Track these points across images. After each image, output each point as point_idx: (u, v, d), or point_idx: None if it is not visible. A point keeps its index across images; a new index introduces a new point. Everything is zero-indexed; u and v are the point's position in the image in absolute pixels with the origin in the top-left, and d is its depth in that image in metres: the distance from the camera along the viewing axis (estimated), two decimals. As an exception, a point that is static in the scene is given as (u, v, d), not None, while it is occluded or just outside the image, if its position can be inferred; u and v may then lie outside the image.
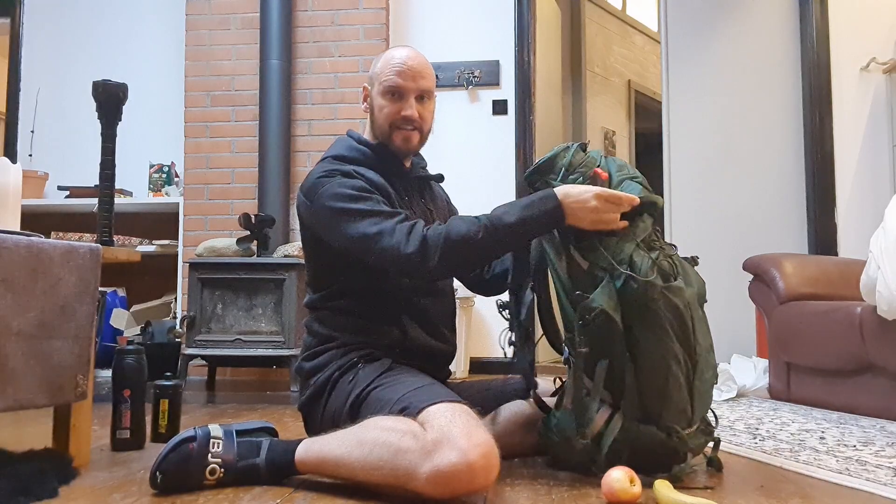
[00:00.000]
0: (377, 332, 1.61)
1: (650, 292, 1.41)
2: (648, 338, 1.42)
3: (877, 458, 1.69)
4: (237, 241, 3.22)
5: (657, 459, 1.46)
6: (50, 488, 1.38)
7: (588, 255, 1.47)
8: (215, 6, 3.89)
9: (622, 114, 5.92)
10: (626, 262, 1.44)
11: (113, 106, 1.94)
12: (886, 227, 2.25)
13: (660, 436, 1.44)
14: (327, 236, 1.58)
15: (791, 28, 3.80)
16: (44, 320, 1.45)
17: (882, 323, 2.25)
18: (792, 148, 3.77)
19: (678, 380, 1.43)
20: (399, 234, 1.45)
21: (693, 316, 1.46)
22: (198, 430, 1.42)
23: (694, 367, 1.46)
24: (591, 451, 1.45)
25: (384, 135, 1.67)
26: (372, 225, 1.48)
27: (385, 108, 1.65)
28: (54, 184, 3.93)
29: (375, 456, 1.30)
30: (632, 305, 1.42)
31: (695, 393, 1.46)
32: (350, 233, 1.50)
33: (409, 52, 1.69)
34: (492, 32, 3.86)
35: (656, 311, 1.41)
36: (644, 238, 1.49)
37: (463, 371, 3.53)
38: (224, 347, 3.15)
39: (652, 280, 1.41)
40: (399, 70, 1.64)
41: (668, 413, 1.44)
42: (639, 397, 1.44)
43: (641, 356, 1.43)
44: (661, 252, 1.49)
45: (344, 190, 1.54)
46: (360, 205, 1.52)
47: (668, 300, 1.42)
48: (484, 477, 1.25)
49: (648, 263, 1.43)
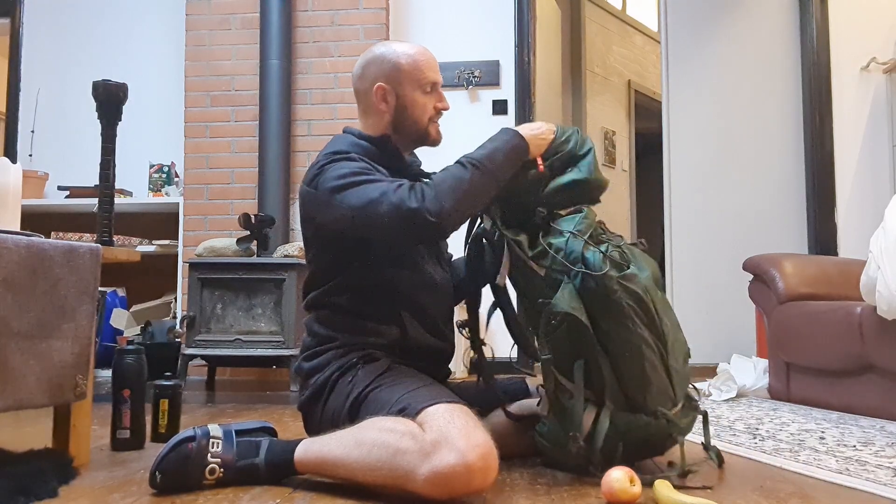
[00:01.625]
0: (376, 331, 1.61)
1: (608, 284, 1.44)
2: (616, 329, 1.45)
3: (877, 458, 1.69)
4: (237, 241, 3.22)
5: (651, 445, 1.50)
6: (50, 488, 1.38)
7: (542, 262, 1.51)
8: (215, 6, 3.89)
9: (622, 114, 5.92)
10: (578, 261, 1.47)
11: (113, 106, 1.94)
12: (886, 227, 2.25)
13: (649, 421, 1.46)
14: (331, 218, 1.55)
15: (791, 28, 3.80)
16: (44, 320, 1.45)
17: (882, 323, 2.25)
18: (792, 148, 3.77)
19: (654, 363, 1.47)
20: (402, 192, 1.46)
21: (653, 299, 1.49)
22: (197, 430, 1.42)
23: (665, 347, 1.49)
24: (586, 452, 1.45)
25: (420, 129, 1.70)
26: (375, 190, 1.48)
27: (425, 104, 1.70)
28: (54, 184, 3.93)
29: (374, 456, 1.30)
30: (594, 301, 1.45)
31: (672, 373, 1.50)
32: (354, 202, 1.49)
33: (420, 46, 1.74)
34: (492, 32, 3.86)
35: (618, 302, 1.44)
36: (591, 234, 1.53)
37: (463, 371, 3.53)
38: (224, 347, 3.15)
39: (607, 272, 1.44)
40: (430, 65, 1.71)
41: (652, 397, 1.47)
42: (620, 388, 1.47)
43: (614, 348, 1.45)
44: (610, 244, 1.52)
45: (346, 169, 1.54)
46: (362, 176, 1.52)
47: (627, 288, 1.45)
48: (482, 478, 1.25)
49: (599, 257, 1.47)
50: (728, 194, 3.84)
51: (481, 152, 1.54)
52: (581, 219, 1.56)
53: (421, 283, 1.65)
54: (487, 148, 1.55)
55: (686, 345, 1.58)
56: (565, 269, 1.47)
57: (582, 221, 1.55)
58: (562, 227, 1.55)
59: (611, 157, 5.62)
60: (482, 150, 1.54)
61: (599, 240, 1.53)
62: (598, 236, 1.54)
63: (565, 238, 1.51)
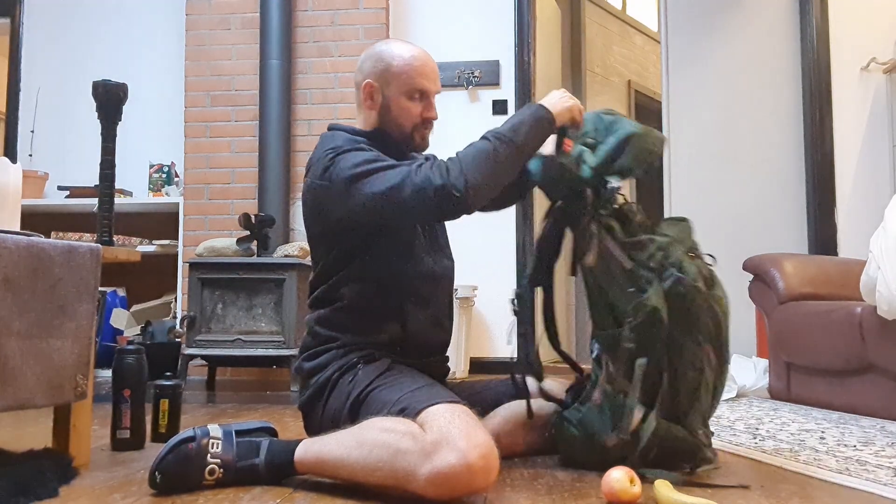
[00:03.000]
0: (378, 327, 1.60)
1: (696, 297, 1.46)
2: (688, 341, 1.48)
3: (877, 458, 1.69)
4: (237, 241, 3.22)
5: (676, 457, 1.51)
6: (50, 488, 1.38)
7: (635, 255, 1.51)
8: (215, 6, 3.89)
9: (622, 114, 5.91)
10: (676, 266, 1.48)
11: (113, 106, 1.94)
12: (886, 227, 2.25)
13: (686, 436, 1.49)
14: (350, 208, 1.53)
15: (791, 28, 3.80)
16: (44, 320, 1.45)
17: (882, 323, 2.25)
18: (792, 148, 3.77)
19: (708, 383, 1.51)
20: (424, 171, 1.45)
21: (728, 325, 1.53)
22: (197, 430, 1.42)
23: (721, 371, 1.54)
24: (627, 446, 1.46)
25: (402, 134, 1.67)
26: (396, 175, 1.47)
27: (409, 110, 1.65)
28: (54, 184, 3.93)
29: (375, 457, 1.30)
30: (677, 308, 1.46)
31: (716, 398, 1.56)
32: (376, 188, 1.48)
33: (421, 51, 1.70)
34: (492, 32, 3.86)
35: (698, 316, 1.47)
36: (691, 246, 1.56)
37: (463, 371, 3.53)
38: (224, 347, 3.15)
39: (698, 285, 1.47)
40: (423, 72, 1.66)
41: (694, 413, 1.50)
42: (671, 397, 1.48)
43: (680, 358, 1.47)
44: (702, 262, 1.55)
45: (361, 158, 1.53)
46: (378, 163, 1.51)
47: (710, 306, 1.49)
48: (483, 478, 1.25)
49: (695, 269, 1.49)
50: (728, 194, 3.84)
51: (506, 126, 1.54)
52: (684, 227, 1.59)
53: (422, 275, 1.65)
54: (511, 122, 1.55)
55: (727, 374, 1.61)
56: (660, 268, 1.48)
57: (684, 230, 1.58)
58: (665, 231, 1.56)
59: (611, 157, 5.61)
60: (506, 125, 1.54)
61: (696, 254, 1.56)
62: (694, 250, 1.57)
63: (668, 240, 1.52)
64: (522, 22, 3.85)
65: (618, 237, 1.53)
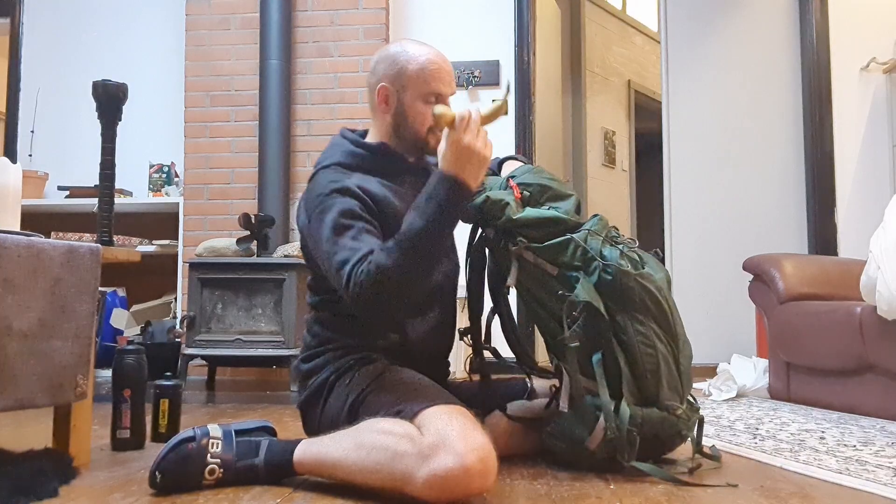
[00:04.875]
0: (377, 334, 1.60)
1: (625, 279, 1.49)
2: (632, 322, 1.50)
3: (877, 458, 1.69)
4: (237, 241, 3.22)
5: (661, 440, 1.53)
6: (50, 488, 1.38)
7: (556, 259, 1.55)
8: (215, 6, 3.89)
9: (622, 114, 5.92)
10: (597, 257, 1.52)
11: (113, 106, 1.94)
12: (886, 227, 2.25)
13: (662, 415, 1.50)
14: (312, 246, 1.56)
15: (791, 28, 3.80)
16: (44, 320, 1.45)
17: (882, 323, 2.25)
18: (792, 148, 3.77)
19: (667, 358, 1.52)
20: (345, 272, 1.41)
21: (667, 298, 1.55)
22: (197, 430, 1.42)
23: (676, 345, 1.55)
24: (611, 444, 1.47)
25: (418, 139, 1.64)
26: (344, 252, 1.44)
27: (425, 114, 1.61)
28: (54, 184, 3.93)
29: (373, 459, 1.30)
30: (610, 295, 1.50)
31: (682, 370, 1.55)
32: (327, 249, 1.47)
33: (436, 53, 1.66)
34: (492, 32, 3.86)
35: (634, 296, 1.50)
36: (607, 234, 1.58)
37: (463, 372, 3.53)
38: (224, 347, 3.15)
39: (623, 267, 1.50)
40: (439, 76, 1.63)
41: (664, 392, 1.51)
42: (635, 382, 1.50)
43: (630, 341, 1.50)
44: (625, 245, 1.58)
45: (336, 212, 1.49)
46: (347, 231, 1.46)
47: (643, 285, 1.51)
48: (481, 481, 1.24)
49: (617, 254, 1.53)
50: (728, 194, 3.84)
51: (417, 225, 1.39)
52: (597, 220, 1.60)
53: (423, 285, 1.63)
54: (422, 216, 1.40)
55: (691, 349, 1.62)
56: (583, 263, 1.52)
57: (598, 223, 1.59)
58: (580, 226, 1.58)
59: (611, 157, 5.62)
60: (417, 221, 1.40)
61: (615, 241, 1.58)
62: (614, 238, 1.59)
63: (584, 234, 1.54)
64: (522, 22, 3.84)
65: (533, 247, 1.55)
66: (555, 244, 1.55)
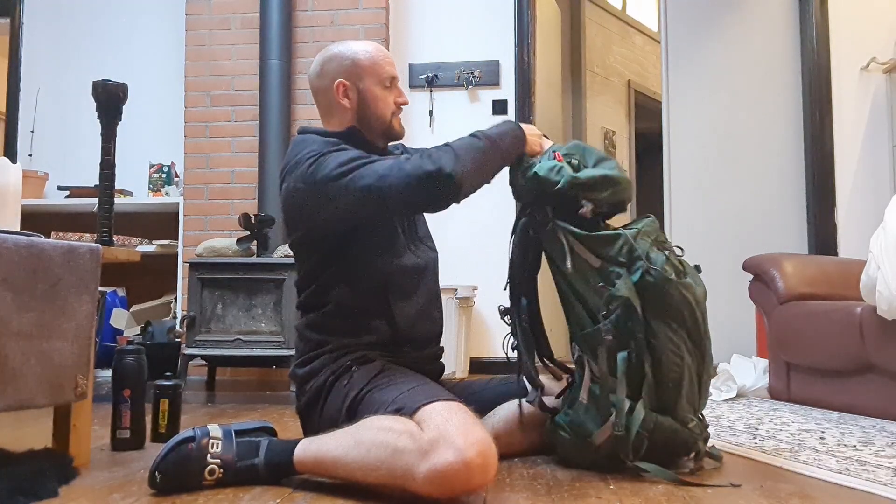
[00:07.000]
0: (367, 327, 1.60)
1: (667, 286, 1.48)
2: (665, 329, 1.49)
3: (877, 458, 1.69)
4: (237, 241, 3.22)
5: (670, 451, 1.53)
6: (50, 488, 1.38)
7: (601, 252, 1.53)
8: (215, 6, 3.89)
9: (622, 114, 5.92)
10: (643, 257, 1.51)
11: (113, 106, 1.94)
12: (886, 226, 2.25)
13: (675, 426, 1.50)
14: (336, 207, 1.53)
15: (791, 28, 3.80)
16: (44, 320, 1.45)
17: (882, 323, 2.25)
18: (792, 148, 3.77)
19: (691, 372, 1.52)
20: (414, 160, 1.47)
21: (703, 312, 1.54)
22: (197, 430, 1.42)
23: (703, 361, 1.55)
24: (617, 442, 1.47)
25: (384, 123, 1.71)
26: (383, 167, 1.49)
27: (385, 98, 1.71)
28: (54, 184, 3.92)
29: (373, 456, 1.30)
30: (649, 298, 1.49)
31: (702, 386, 1.56)
32: (365, 182, 1.48)
33: (373, 43, 1.78)
34: (492, 32, 3.86)
35: (671, 304, 1.49)
36: (656, 237, 1.57)
37: (463, 371, 3.53)
38: (224, 347, 3.15)
39: (667, 273, 1.49)
40: (388, 60, 1.74)
41: (682, 404, 1.51)
42: (656, 387, 1.50)
43: (659, 347, 1.49)
44: (671, 252, 1.57)
45: (345, 157, 1.54)
46: (365, 158, 1.53)
47: (683, 295, 1.50)
48: (481, 475, 1.25)
49: (663, 259, 1.51)
50: (728, 194, 3.84)
51: (494, 131, 1.58)
52: (650, 222, 1.60)
53: (405, 268, 1.65)
54: (497, 129, 1.60)
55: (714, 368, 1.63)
56: (628, 261, 1.51)
57: (650, 224, 1.59)
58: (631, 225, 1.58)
59: (611, 157, 5.62)
60: (493, 130, 1.59)
61: (663, 246, 1.57)
62: (661, 243, 1.58)
63: (634, 231, 1.54)
64: (522, 22, 3.84)
65: (581, 236, 1.55)
66: (604, 236, 1.54)
